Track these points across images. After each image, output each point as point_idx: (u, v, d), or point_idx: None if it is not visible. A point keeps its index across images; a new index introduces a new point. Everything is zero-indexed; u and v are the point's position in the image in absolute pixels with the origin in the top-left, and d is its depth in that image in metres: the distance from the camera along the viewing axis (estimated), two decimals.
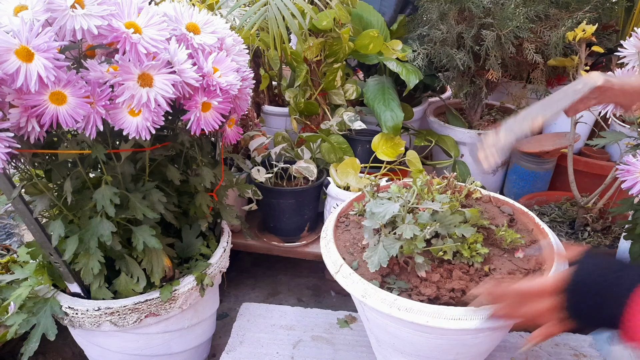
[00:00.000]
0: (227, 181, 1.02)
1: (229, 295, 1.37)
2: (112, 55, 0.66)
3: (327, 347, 0.98)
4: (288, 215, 1.28)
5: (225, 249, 0.98)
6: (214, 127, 0.76)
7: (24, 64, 0.55)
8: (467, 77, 1.49)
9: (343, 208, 0.88)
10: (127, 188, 0.79)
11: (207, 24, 0.73)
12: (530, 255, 0.73)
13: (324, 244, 0.77)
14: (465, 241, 0.70)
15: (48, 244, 0.75)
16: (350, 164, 1.21)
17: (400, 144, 1.29)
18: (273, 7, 1.06)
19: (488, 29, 1.26)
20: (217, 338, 1.18)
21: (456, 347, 0.68)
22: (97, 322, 0.80)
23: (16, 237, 1.22)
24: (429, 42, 1.42)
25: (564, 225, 1.25)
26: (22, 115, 0.61)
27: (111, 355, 0.90)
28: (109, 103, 0.64)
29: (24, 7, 0.56)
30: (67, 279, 0.81)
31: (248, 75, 0.82)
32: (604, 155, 1.54)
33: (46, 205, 0.73)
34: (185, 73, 0.66)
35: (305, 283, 1.44)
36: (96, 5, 0.60)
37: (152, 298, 0.82)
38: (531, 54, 1.26)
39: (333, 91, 1.39)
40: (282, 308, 1.09)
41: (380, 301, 0.63)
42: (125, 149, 0.75)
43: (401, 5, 1.60)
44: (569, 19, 1.22)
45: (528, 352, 0.95)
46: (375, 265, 0.67)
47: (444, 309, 0.61)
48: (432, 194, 0.76)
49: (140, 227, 0.79)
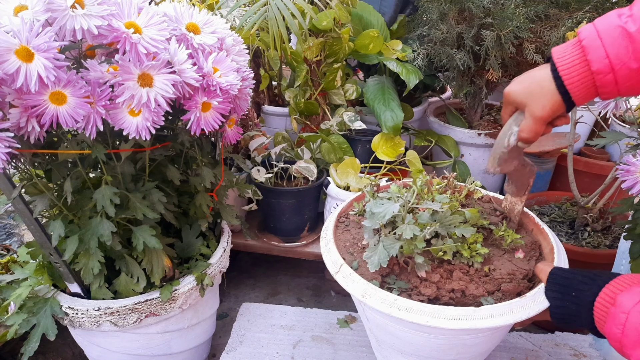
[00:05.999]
0: (227, 181, 1.02)
1: (229, 295, 1.37)
2: (112, 55, 0.66)
3: (327, 347, 0.98)
4: (288, 215, 1.28)
5: (225, 249, 0.98)
6: (214, 127, 0.76)
7: (24, 64, 0.55)
8: (467, 77, 1.49)
9: (343, 208, 0.88)
10: (127, 188, 0.79)
11: (207, 24, 0.73)
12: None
13: (324, 244, 0.77)
14: (465, 241, 0.70)
15: (48, 244, 0.75)
16: (350, 164, 1.21)
17: (400, 144, 1.29)
18: (273, 7, 1.06)
19: (488, 29, 1.26)
20: (217, 338, 1.18)
21: (456, 347, 0.68)
22: (97, 322, 0.80)
23: (16, 237, 1.22)
24: (429, 42, 1.42)
25: (564, 225, 1.25)
26: (22, 115, 0.61)
27: (111, 355, 0.90)
28: (109, 103, 0.64)
29: (24, 7, 0.56)
30: (67, 279, 0.81)
31: (248, 75, 0.82)
32: (604, 155, 1.54)
33: (46, 205, 0.73)
34: (185, 73, 0.66)
35: (305, 283, 1.44)
36: (96, 5, 0.60)
37: (152, 298, 0.82)
38: (531, 54, 1.26)
39: (333, 91, 1.39)
40: (282, 308, 1.09)
41: (380, 301, 0.63)
42: (125, 149, 0.75)
43: (401, 5, 1.60)
44: (569, 19, 1.22)
45: (528, 352, 0.95)
46: (375, 265, 0.67)
47: (444, 308, 0.61)
48: (432, 194, 0.76)
49: (140, 227, 0.79)
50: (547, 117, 0.57)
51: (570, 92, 0.54)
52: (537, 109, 0.57)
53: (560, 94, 0.55)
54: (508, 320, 0.60)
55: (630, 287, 0.52)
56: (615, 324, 0.51)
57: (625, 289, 0.52)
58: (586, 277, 0.58)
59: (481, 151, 1.56)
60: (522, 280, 0.68)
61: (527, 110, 0.58)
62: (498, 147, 0.66)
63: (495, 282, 0.68)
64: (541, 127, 0.59)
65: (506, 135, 0.64)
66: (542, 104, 0.56)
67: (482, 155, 1.57)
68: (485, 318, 0.60)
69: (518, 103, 0.60)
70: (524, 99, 0.58)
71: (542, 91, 0.56)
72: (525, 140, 0.61)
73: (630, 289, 0.52)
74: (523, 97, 0.58)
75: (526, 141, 0.61)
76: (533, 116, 0.58)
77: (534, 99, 0.57)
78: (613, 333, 0.51)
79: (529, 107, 0.58)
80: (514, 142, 0.63)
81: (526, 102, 0.58)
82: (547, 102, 0.56)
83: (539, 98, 0.56)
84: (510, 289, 0.66)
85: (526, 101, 0.58)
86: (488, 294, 0.66)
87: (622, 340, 0.50)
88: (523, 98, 0.58)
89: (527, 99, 0.58)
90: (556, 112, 0.57)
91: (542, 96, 0.56)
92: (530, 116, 0.58)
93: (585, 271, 0.60)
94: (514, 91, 0.59)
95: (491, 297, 0.66)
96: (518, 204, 0.78)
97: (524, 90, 0.58)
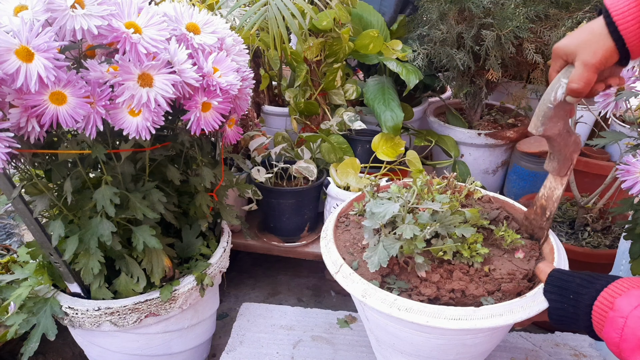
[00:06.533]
0: (227, 181, 1.02)
1: (229, 295, 1.37)
2: (112, 55, 0.66)
3: (327, 347, 0.98)
4: (288, 215, 1.28)
5: (225, 249, 0.98)
6: (214, 127, 0.76)
7: (24, 64, 0.55)
8: (467, 77, 1.49)
9: (343, 208, 0.88)
10: (127, 188, 0.79)
11: (207, 24, 0.73)
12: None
13: (324, 243, 0.77)
14: (465, 241, 0.70)
15: (48, 244, 0.75)
16: (350, 164, 1.21)
17: (400, 144, 1.29)
18: (273, 7, 1.06)
19: (488, 29, 1.26)
20: (217, 338, 1.18)
21: (456, 347, 0.68)
22: (97, 322, 0.80)
23: (16, 237, 1.22)
24: (429, 42, 1.42)
25: (564, 225, 1.25)
26: (22, 115, 0.61)
27: (111, 355, 0.90)
28: (109, 103, 0.64)
29: (24, 7, 0.56)
30: (67, 279, 0.81)
31: (248, 75, 0.82)
32: (604, 155, 1.54)
33: (46, 205, 0.73)
34: (185, 73, 0.66)
35: (305, 283, 1.44)
36: (96, 5, 0.60)
37: (152, 298, 0.82)
38: (531, 54, 1.26)
39: (333, 91, 1.39)
40: (282, 308, 1.09)
41: (380, 301, 0.63)
42: (125, 149, 0.75)
43: (401, 5, 1.60)
44: (569, 19, 1.22)
45: (528, 352, 0.95)
46: (375, 265, 0.67)
47: (444, 308, 0.61)
48: (432, 194, 0.76)
49: (140, 227, 0.79)
50: (598, 64, 0.54)
51: (624, 38, 0.52)
52: (588, 55, 0.54)
53: (614, 40, 0.53)
54: (508, 320, 0.60)
55: (628, 290, 0.52)
56: (613, 329, 0.51)
57: (623, 292, 0.52)
58: (585, 279, 0.58)
59: (481, 151, 1.56)
60: (522, 280, 0.68)
61: (577, 59, 0.56)
62: (543, 103, 0.61)
63: (495, 282, 0.68)
64: (593, 76, 0.56)
65: (554, 89, 0.59)
66: (594, 49, 0.54)
67: (482, 155, 1.57)
68: (485, 318, 0.60)
69: (568, 54, 0.57)
70: (575, 48, 0.56)
71: (593, 38, 0.54)
72: (575, 91, 0.57)
73: (628, 293, 0.51)
74: (573, 47, 0.56)
75: (576, 93, 0.57)
76: (584, 63, 0.55)
77: (585, 46, 0.55)
78: (611, 337, 0.51)
79: (580, 54, 0.55)
80: (561, 96, 0.59)
81: (577, 51, 0.56)
82: (600, 48, 0.53)
83: (591, 45, 0.54)
84: (510, 289, 0.66)
85: (577, 50, 0.55)
86: (488, 294, 0.66)
87: (621, 345, 0.50)
88: (573, 47, 0.56)
89: (577, 47, 0.55)
90: (609, 59, 0.54)
91: (593, 42, 0.54)
92: (581, 64, 0.55)
93: (584, 274, 0.59)
94: (564, 43, 0.57)
95: (491, 297, 0.66)
96: (559, 188, 0.70)
97: (574, 39, 0.56)
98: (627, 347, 0.49)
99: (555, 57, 0.60)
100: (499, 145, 1.55)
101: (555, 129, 0.62)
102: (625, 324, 0.49)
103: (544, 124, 0.61)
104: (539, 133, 0.62)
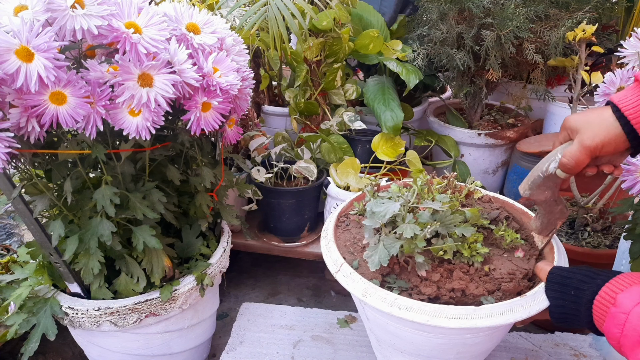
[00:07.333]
0: (227, 181, 1.02)
1: (229, 295, 1.37)
2: (112, 55, 0.66)
3: (327, 347, 0.98)
4: (288, 215, 1.28)
5: (225, 249, 0.98)
6: (214, 127, 0.76)
7: (24, 64, 0.55)
8: (467, 77, 1.49)
9: (343, 208, 0.88)
10: (127, 188, 0.79)
11: (207, 24, 0.73)
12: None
13: (324, 243, 0.77)
14: (466, 241, 0.70)
15: (48, 244, 0.75)
16: (350, 164, 1.21)
17: (400, 144, 1.29)
18: (273, 7, 1.06)
19: (488, 29, 1.26)
20: (217, 338, 1.18)
21: (456, 347, 0.68)
22: (97, 322, 0.80)
23: (16, 237, 1.22)
24: (429, 42, 1.42)
25: (564, 225, 1.25)
26: (22, 115, 0.61)
27: (111, 355, 0.90)
28: (109, 103, 0.64)
29: (24, 7, 0.56)
30: (67, 279, 0.81)
31: (248, 75, 0.82)
32: None
33: (46, 205, 0.73)
34: (185, 73, 0.66)
35: (305, 283, 1.44)
36: (96, 5, 0.60)
37: (152, 298, 0.82)
38: (531, 54, 1.26)
39: (333, 91, 1.39)
40: (282, 308, 1.09)
41: (380, 300, 0.63)
42: (125, 149, 0.75)
43: (401, 5, 1.60)
44: (569, 19, 1.22)
45: (528, 352, 0.95)
46: (376, 264, 0.67)
47: (445, 308, 0.61)
48: (432, 194, 0.76)
49: (140, 227, 0.79)
50: (593, 148, 0.55)
51: (637, 130, 0.52)
52: (586, 136, 0.56)
53: (626, 133, 0.53)
54: (508, 320, 0.60)
55: (630, 286, 0.52)
56: (614, 324, 0.51)
57: (625, 288, 0.52)
58: (586, 275, 0.58)
59: (481, 151, 1.56)
60: (522, 279, 0.68)
61: (577, 137, 0.57)
62: (536, 171, 0.64)
63: (496, 282, 0.68)
64: (585, 158, 0.57)
65: (548, 161, 0.62)
66: (595, 133, 0.55)
67: (482, 155, 1.57)
68: (485, 317, 0.60)
69: (572, 129, 0.58)
70: (579, 126, 0.57)
71: (599, 120, 0.55)
72: (565, 166, 0.59)
73: (630, 289, 0.52)
74: (578, 124, 0.57)
75: (566, 169, 0.59)
76: (581, 143, 0.56)
77: (588, 127, 0.56)
78: (612, 332, 0.51)
79: (580, 133, 0.56)
80: (552, 170, 0.61)
81: (579, 129, 0.57)
82: (601, 132, 0.54)
83: (593, 127, 0.55)
84: (511, 288, 0.66)
85: (580, 128, 0.57)
86: (488, 293, 0.66)
87: (621, 340, 0.50)
88: (578, 125, 0.57)
89: (581, 125, 0.57)
90: (608, 147, 0.55)
91: (596, 125, 0.55)
92: (577, 142, 0.57)
93: (585, 269, 0.59)
94: (573, 118, 0.58)
95: (491, 297, 0.66)
96: (539, 243, 0.74)
97: (582, 117, 0.57)
98: (627, 342, 0.49)
99: (563, 128, 0.61)
100: (499, 145, 1.55)
101: (542, 196, 0.65)
102: (627, 320, 0.50)
103: (532, 189, 0.65)
104: (525, 196, 0.66)
